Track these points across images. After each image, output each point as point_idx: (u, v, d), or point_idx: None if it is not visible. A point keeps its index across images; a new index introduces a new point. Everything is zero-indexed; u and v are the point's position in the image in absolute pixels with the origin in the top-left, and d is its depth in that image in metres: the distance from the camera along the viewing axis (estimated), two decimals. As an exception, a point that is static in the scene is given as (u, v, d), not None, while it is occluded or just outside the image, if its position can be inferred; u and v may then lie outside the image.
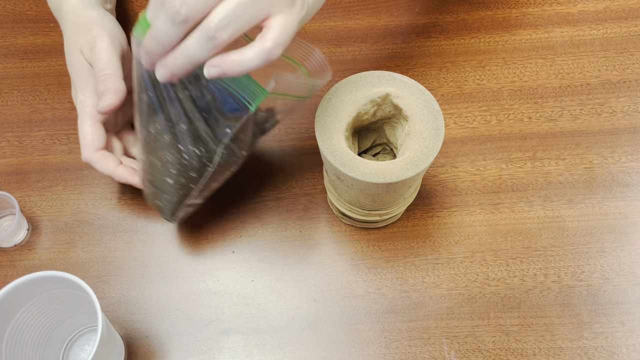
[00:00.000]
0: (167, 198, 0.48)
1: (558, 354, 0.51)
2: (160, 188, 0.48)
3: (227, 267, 0.55)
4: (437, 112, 0.45)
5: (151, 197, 0.50)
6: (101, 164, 0.50)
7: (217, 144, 0.44)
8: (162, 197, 0.48)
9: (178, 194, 0.47)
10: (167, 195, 0.48)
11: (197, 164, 0.45)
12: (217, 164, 0.45)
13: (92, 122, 0.50)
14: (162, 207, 0.50)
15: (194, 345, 0.52)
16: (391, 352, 0.51)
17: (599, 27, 0.65)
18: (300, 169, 0.59)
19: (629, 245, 0.55)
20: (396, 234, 0.56)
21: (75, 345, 0.52)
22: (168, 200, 0.48)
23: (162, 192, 0.48)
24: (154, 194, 0.49)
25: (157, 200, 0.49)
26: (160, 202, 0.49)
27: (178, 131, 0.43)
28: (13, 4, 0.69)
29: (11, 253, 0.56)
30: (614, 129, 0.60)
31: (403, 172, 0.43)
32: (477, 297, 0.53)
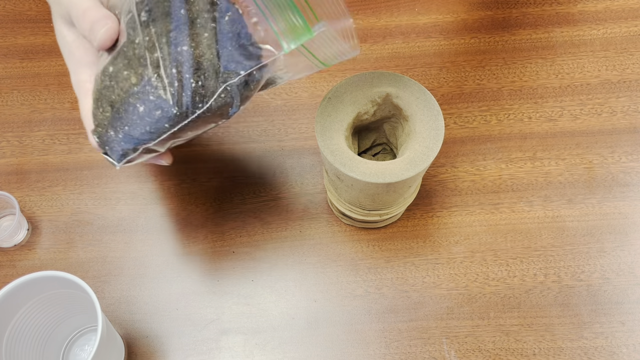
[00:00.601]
0: (126, 130, 0.38)
1: (558, 354, 0.51)
2: (123, 115, 0.38)
3: (227, 267, 0.55)
4: (437, 112, 0.45)
5: (103, 125, 0.39)
6: None
7: (218, 82, 0.36)
8: (119, 128, 0.38)
9: (144, 129, 0.37)
10: (127, 127, 0.38)
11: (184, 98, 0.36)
12: (208, 107, 0.36)
13: (90, 101, 0.42)
14: (114, 142, 0.39)
15: (194, 345, 0.52)
16: (391, 352, 0.51)
17: (599, 27, 0.65)
18: (300, 169, 0.59)
19: (629, 245, 0.55)
20: (396, 234, 0.56)
21: (75, 345, 0.52)
22: (126, 134, 0.38)
23: (123, 122, 0.38)
24: (110, 122, 0.38)
25: (110, 130, 0.39)
26: (115, 134, 0.38)
27: (175, 51, 0.35)
28: (13, 4, 0.69)
29: (11, 253, 0.56)
30: (614, 129, 0.60)
31: (403, 172, 0.43)
32: (477, 297, 0.53)
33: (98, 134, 0.40)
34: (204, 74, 0.35)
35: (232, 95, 0.36)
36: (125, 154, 0.39)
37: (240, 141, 0.60)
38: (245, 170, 0.59)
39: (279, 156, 0.60)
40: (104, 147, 0.40)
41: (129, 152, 0.39)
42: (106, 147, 0.40)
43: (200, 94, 0.35)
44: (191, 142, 0.60)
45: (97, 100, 0.39)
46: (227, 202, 0.58)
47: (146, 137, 0.38)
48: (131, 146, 0.38)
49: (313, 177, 0.59)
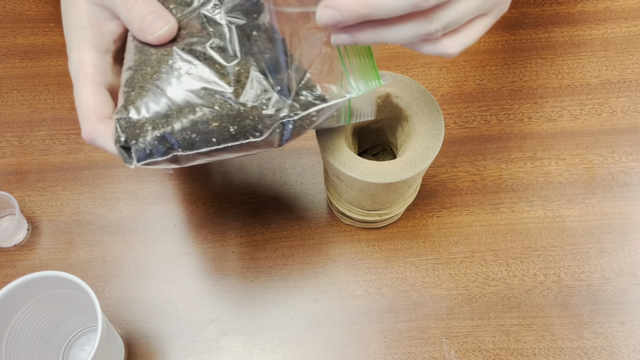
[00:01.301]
0: (168, 130, 0.34)
1: (558, 354, 0.51)
2: (173, 113, 0.34)
3: (227, 267, 0.55)
4: (437, 112, 0.45)
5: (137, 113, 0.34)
6: (110, 139, 0.36)
7: (277, 117, 0.35)
8: (162, 126, 0.34)
9: (189, 135, 0.34)
10: (172, 127, 0.34)
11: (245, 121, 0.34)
12: (260, 136, 0.34)
13: (92, 86, 0.37)
14: (146, 137, 0.34)
15: (194, 345, 0.52)
16: (391, 352, 0.51)
17: (599, 27, 0.65)
18: (301, 169, 0.59)
19: (629, 245, 0.55)
20: (396, 234, 0.56)
21: (75, 345, 0.52)
22: (167, 134, 0.34)
23: (169, 120, 0.34)
24: (153, 115, 0.34)
25: (149, 125, 0.34)
26: (153, 129, 0.34)
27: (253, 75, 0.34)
28: (13, 4, 0.69)
29: (11, 253, 0.56)
30: (614, 129, 0.60)
31: (403, 172, 0.43)
32: (477, 297, 0.53)
33: (126, 123, 0.34)
34: (268, 106, 0.35)
35: (287, 130, 0.36)
36: (151, 154, 0.35)
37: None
38: (245, 170, 0.59)
39: (279, 156, 0.60)
40: (127, 139, 0.34)
41: (156, 153, 0.35)
42: (132, 140, 0.34)
43: (263, 123, 0.35)
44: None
45: (142, 88, 0.35)
46: (227, 202, 0.58)
47: (186, 144, 0.34)
48: (164, 148, 0.34)
49: (313, 177, 0.59)
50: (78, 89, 0.37)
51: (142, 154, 0.34)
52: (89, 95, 0.37)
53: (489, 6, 0.31)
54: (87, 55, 0.37)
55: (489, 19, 0.32)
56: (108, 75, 0.38)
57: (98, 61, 0.37)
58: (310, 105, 0.35)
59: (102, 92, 0.37)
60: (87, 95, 0.37)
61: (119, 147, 0.35)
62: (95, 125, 0.36)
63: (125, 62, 0.37)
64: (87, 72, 0.37)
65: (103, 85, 0.37)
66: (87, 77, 0.37)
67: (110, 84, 0.38)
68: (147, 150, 0.34)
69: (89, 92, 0.37)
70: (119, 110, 0.35)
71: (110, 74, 0.38)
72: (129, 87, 0.35)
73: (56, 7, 0.68)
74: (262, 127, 0.35)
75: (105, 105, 0.37)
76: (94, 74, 0.37)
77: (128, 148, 0.35)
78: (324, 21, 0.30)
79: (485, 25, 0.32)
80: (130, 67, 0.36)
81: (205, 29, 0.35)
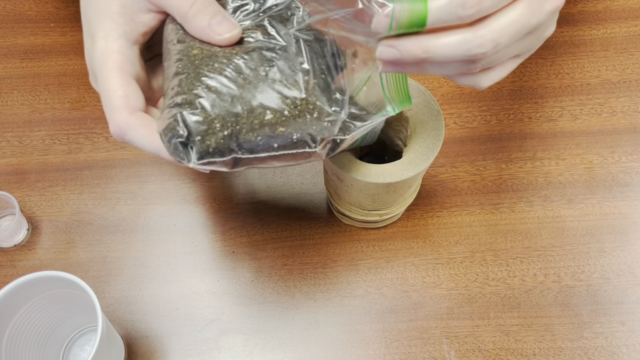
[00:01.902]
0: (236, 130, 0.32)
1: (558, 354, 0.51)
2: (245, 113, 0.33)
3: (227, 267, 0.55)
4: (437, 112, 0.45)
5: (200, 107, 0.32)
6: (147, 131, 0.33)
7: (333, 130, 0.35)
8: (231, 124, 0.32)
9: (254, 137, 0.33)
10: (241, 125, 0.32)
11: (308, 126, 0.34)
12: (315, 147, 0.35)
13: (122, 75, 0.34)
14: (211, 133, 0.32)
15: (194, 345, 0.52)
16: (391, 352, 0.51)
17: (599, 27, 0.65)
18: (301, 169, 0.59)
19: (629, 245, 0.55)
20: (396, 234, 0.56)
21: (75, 345, 0.52)
22: (234, 133, 0.32)
23: (239, 119, 0.33)
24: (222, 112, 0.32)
25: (217, 122, 0.32)
26: (222, 127, 0.32)
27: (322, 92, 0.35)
28: (13, 4, 0.69)
29: (11, 253, 0.56)
30: (614, 129, 0.60)
31: (403, 172, 0.43)
32: (477, 297, 0.53)
33: (193, 118, 0.32)
34: (328, 119, 0.35)
35: (336, 144, 0.36)
36: (213, 154, 0.32)
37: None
38: (245, 170, 0.59)
39: (279, 156, 0.60)
40: (191, 135, 0.32)
41: (217, 153, 0.32)
42: (197, 136, 0.32)
43: (322, 135, 0.35)
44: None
45: (208, 84, 0.33)
46: (227, 202, 0.58)
47: (249, 147, 0.33)
48: (227, 149, 0.32)
49: (313, 177, 0.59)
50: (105, 78, 0.34)
51: (205, 153, 0.32)
52: (119, 85, 0.34)
53: (523, 51, 0.34)
54: (116, 43, 0.34)
55: (520, 59, 0.35)
56: (136, 66, 0.35)
57: (127, 50, 0.35)
58: (358, 120, 0.37)
59: (132, 82, 0.34)
60: (116, 85, 0.34)
61: (177, 142, 0.32)
62: (128, 117, 0.33)
63: (170, 53, 0.35)
64: (116, 61, 0.34)
65: (132, 76, 0.35)
66: (115, 65, 0.34)
67: (138, 76, 0.36)
68: (211, 149, 0.32)
69: (119, 82, 0.34)
70: (180, 104, 0.32)
71: (139, 66, 0.36)
72: (192, 80, 0.33)
73: (56, 7, 0.68)
74: (320, 138, 0.35)
75: (136, 96, 0.34)
76: (124, 63, 0.34)
77: (186, 144, 0.32)
78: (383, 57, 0.32)
79: (516, 64, 0.35)
80: (187, 58, 0.34)
81: (272, 36, 0.35)
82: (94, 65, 0.35)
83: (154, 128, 0.33)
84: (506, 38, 0.31)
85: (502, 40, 0.31)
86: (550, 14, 0.32)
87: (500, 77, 0.35)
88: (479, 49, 0.30)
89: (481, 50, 0.30)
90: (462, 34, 0.30)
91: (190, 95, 0.32)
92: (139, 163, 0.60)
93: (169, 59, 0.35)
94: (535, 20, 0.31)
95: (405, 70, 0.33)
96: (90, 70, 0.36)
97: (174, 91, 0.33)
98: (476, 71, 0.33)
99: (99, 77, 0.34)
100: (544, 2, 0.31)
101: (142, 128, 0.33)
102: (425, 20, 0.30)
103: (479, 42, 0.30)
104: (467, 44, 0.30)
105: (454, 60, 0.31)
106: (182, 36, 0.35)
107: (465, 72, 0.33)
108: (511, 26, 0.31)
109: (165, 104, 0.33)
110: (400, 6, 0.29)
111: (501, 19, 0.30)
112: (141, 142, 0.33)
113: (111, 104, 0.33)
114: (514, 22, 0.31)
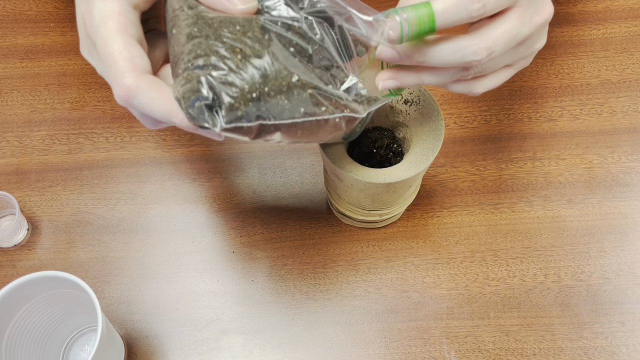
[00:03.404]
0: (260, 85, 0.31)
1: (558, 354, 0.51)
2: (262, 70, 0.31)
3: (227, 267, 0.55)
4: (437, 112, 0.45)
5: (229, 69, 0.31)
6: (158, 94, 0.31)
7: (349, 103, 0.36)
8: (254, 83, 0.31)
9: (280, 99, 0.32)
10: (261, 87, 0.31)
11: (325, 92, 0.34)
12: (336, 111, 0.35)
13: (126, 37, 0.31)
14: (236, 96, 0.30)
15: (194, 345, 0.52)
16: (391, 352, 0.51)
17: (599, 27, 0.65)
18: (301, 169, 0.59)
19: (629, 245, 0.55)
20: (396, 234, 0.56)
21: (75, 345, 0.52)
22: (263, 97, 0.31)
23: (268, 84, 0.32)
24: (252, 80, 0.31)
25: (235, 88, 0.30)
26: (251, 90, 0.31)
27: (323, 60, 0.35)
28: (13, 4, 0.69)
29: (11, 253, 0.56)
30: (614, 129, 0.60)
31: (403, 172, 0.43)
32: (477, 297, 0.53)
33: (220, 79, 0.30)
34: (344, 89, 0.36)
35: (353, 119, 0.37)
36: (241, 118, 0.31)
37: (240, 141, 0.60)
38: (245, 170, 0.59)
39: (279, 156, 0.60)
40: (218, 97, 0.30)
41: (245, 117, 0.31)
42: (226, 99, 0.30)
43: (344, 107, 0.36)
44: (191, 142, 0.61)
45: (232, 45, 0.31)
46: (227, 202, 0.58)
47: (277, 111, 0.32)
48: (255, 113, 0.31)
49: (313, 177, 0.59)
50: (107, 40, 0.31)
51: (234, 116, 0.30)
52: (124, 46, 0.31)
53: (515, 60, 0.36)
54: (116, 3, 0.32)
55: (512, 70, 0.37)
56: (138, 30, 0.33)
57: (128, 13, 0.32)
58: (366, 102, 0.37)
59: (136, 45, 0.32)
60: (121, 47, 0.31)
61: (202, 106, 0.30)
62: (137, 79, 0.30)
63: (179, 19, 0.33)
64: (118, 22, 0.31)
65: (134, 38, 0.32)
66: (118, 26, 0.31)
67: (140, 40, 0.33)
68: (239, 113, 0.30)
69: (123, 44, 0.31)
70: (202, 66, 0.30)
71: (140, 32, 0.33)
72: (213, 42, 0.31)
73: (56, 7, 0.68)
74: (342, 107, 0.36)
75: (143, 58, 0.31)
76: (126, 25, 0.32)
77: (211, 108, 0.30)
78: (382, 56, 0.34)
79: (509, 74, 0.37)
80: (203, 21, 0.32)
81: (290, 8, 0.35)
82: (92, 29, 0.32)
83: (166, 90, 0.31)
84: (500, 47, 0.32)
85: (496, 49, 0.32)
86: (540, 25, 0.34)
87: (493, 85, 0.37)
88: (473, 56, 0.32)
89: (476, 57, 0.32)
90: (458, 42, 0.32)
91: (213, 57, 0.30)
92: (139, 163, 0.60)
93: (178, 25, 0.33)
94: (526, 31, 0.33)
95: (403, 82, 0.35)
96: (85, 37, 0.33)
97: (192, 54, 0.31)
98: (469, 78, 0.35)
99: (98, 41, 0.31)
100: (533, 13, 0.33)
101: (153, 90, 0.30)
102: (435, 24, 0.31)
103: (474, 49, 0.32)
104: (462, 50, 0.32)
105: (449, 66, 0.33)
106: (194, 3, 0.34)
107: (459, 80, 0.35)
108: (504, 35, 0.32)
109: (180, 69, 0.31)
110: (407, 15, 0.31)
111: (495, 29, 0.32)
112: (152, 105, 0.31)
113: (117, 66, 0.31)
114: (506, 32, 0.32)
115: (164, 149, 0.60)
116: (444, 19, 0.31)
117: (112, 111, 0.62)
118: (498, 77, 0.36)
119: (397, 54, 0.34)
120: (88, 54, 0.34)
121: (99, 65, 0.34)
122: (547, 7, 0.34)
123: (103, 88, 0.63)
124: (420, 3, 0.31)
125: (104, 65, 0.32)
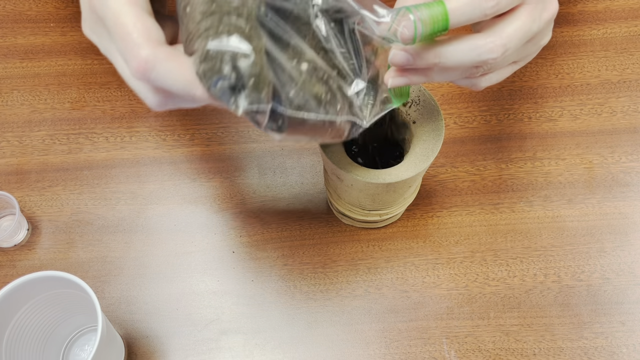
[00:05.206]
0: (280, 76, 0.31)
1: (558, 354, 0.51)
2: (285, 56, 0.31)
3: (227, 267, 0.55)
4: (437, 112, 0.45)
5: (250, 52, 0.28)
6: (177, 65, 0.29)
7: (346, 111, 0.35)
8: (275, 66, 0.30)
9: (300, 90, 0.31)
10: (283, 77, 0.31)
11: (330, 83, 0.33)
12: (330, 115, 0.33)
13: (138, 10, 0.30)
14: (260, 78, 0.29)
15: (194, 345, 0.52)
16: (391, 352, 0.51)
17: (599, 27, 0.65)
18: (301, 169, 0.59)
19: (629, 245, 0.55)
20: (396, 234, 0.56)
21: (75, 345, 0.52)
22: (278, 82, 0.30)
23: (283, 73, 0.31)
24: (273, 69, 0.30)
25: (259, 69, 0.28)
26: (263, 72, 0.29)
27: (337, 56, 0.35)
28: (13, 4, 0.69)
29: (11, 253, 0.56)
30: (614, 129, 0.60)
31: (403, 172, 0.43)
32: (477, 297, 0.53)
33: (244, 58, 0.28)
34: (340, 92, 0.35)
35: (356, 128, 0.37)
36: (261, 101, 0.29)
37: (240, 141, 0.60)
38: (245, 170, 0.59)
39: (279, 156, 0.60)
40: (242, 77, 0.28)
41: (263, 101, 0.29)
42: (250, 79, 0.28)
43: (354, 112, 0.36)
44: (191, 142, 0.61)
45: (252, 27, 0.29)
46: (227, 202, 0.58)
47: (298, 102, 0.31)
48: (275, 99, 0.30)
49: (313, 177, 0.59)
50: (119, 13, 0.29)
51: (256, 99, 0.29)
52: (137, 18, 0.29)
53: (523, 56, 0.36)
54: None
55: (517, 66, 0.37)
56: (148, 3, 0.31)
57: None
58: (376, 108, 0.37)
59: (150, 17, 0.30)
60: (135, 19, 0.29)
61: (224, 86, 0.28)
62: (154, 50, 0.29)
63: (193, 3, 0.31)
64: None
65: (147, 12, 0.30)
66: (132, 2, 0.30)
67: (150, 15, 0.31)
68: (263, 95, 0.29)
69: (136, 16, 0.29)
70: (228, 45, 0.28)
71: (149, 5, 0.31)
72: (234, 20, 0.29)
73: (56, 7, 0.68)
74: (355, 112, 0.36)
75: (157, 30, 0.30)
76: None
77: (234, 88, 0.29)
78: (395, 61, 0.33)
79: (513, 70, 0.37)
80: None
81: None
82: (100, 3, 0.30)
83: (185, 61, 0.29)
84: (514, 43, 0.32)
85: (510, 46, 0.32)
86: (548, 22, 0.34)
87: (497, 80, 0.36)
88: (489, 54, 0.32)
89: (492, 55, 0.32)
90: (472, 41, 0.32)
91: (239, 34, 0.28)
92: (139, 163, 0.60)
93: (191, 3, 0.30)
94: (537, 27, 0.33)
95: (412, 80, 0.34)
96: (90, 13, 0.32)
97: (211, 31, 0.29)
98: (477, 75, 0.35)
99: (108, 15, 0.30)
100: (542, 10, 0.33)
101: (171, 61, 0.29)
102: (448, 22, 0.30)
103: (489, 47, 0.32)
104: (477, 49, 0.32)
105: (463, 65, 0.33)
106: None
107: (466, 76, 0.35)
108: (517, 32, 0.32)
109: (197, 46, 0.29)
110: (420, 14, 0.30)
111: (508, 26, 0.32)
112: (171, 77, 0.29)
113: (131, 38, 0.29)
114: (519, 28, 0.32)
115: (164, 149, 0.60)
116: (458, 18, 0.31)
117: (112, 111, 0.62)
118: (503, 73, 0.37)
119: (410, 58, 0.33)
120: (91, 31, 0.33)
121: (104, 43, 0.32)
122: (553, 3, 0.34)
123: (103, 88, 0.63)
124: (433, 1, 0.31)
125: (114, 40, 0.30)
